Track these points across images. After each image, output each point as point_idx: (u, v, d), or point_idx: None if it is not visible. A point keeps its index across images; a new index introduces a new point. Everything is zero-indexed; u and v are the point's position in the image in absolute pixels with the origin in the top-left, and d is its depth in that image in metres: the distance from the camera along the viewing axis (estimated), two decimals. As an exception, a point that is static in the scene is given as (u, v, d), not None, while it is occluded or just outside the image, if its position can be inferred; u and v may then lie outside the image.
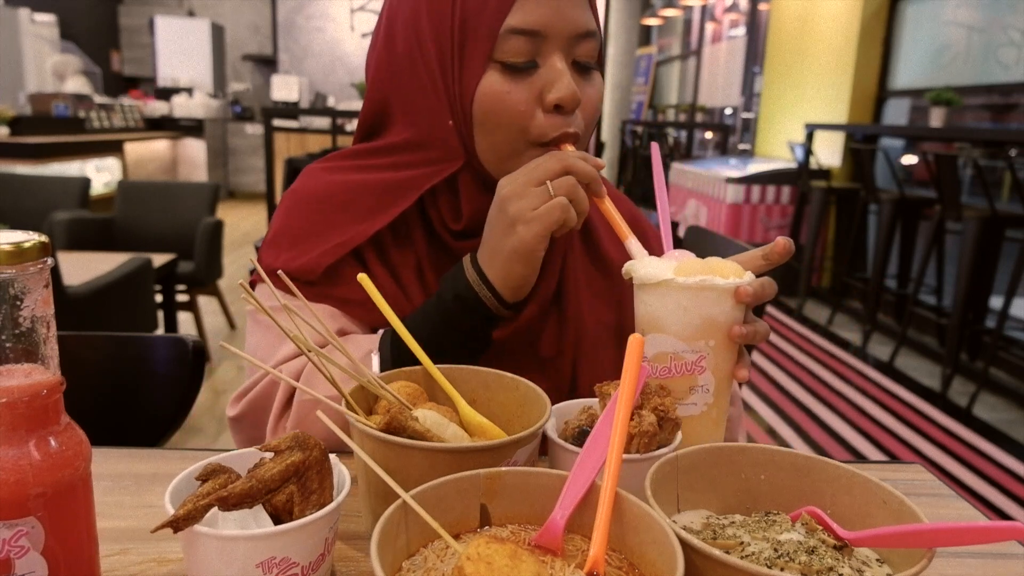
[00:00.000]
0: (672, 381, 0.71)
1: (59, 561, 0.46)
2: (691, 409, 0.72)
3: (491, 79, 0.81)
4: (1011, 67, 4.53)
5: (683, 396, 0.71)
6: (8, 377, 0.44)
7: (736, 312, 0.71)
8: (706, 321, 0.70)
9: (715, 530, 0.54)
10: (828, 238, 5.93)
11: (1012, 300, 3.61)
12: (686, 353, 0.70)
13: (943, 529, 0.48)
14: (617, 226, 0.80)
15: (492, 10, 0.79)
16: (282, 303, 0.66)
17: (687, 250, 0.77)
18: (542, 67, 0.81)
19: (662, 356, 0.71)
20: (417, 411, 0.64)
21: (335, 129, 6.72)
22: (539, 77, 0.81)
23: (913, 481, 0.84)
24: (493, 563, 0.41)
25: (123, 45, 11.62)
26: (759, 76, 7.86)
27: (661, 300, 0.70)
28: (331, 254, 0.86)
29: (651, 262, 0.74)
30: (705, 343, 0.70)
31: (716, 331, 0.70)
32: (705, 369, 0.71)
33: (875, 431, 3.48)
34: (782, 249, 0.74)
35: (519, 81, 0.80)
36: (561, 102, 0.80)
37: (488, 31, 0.79)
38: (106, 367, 1.20)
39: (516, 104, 0.80)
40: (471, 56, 0.81)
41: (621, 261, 0.96)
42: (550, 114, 0.81)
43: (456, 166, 0.86)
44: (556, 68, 0.80)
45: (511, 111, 0.80)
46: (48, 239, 0.45)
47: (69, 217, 3.73)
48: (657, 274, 0.70)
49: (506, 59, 0.80)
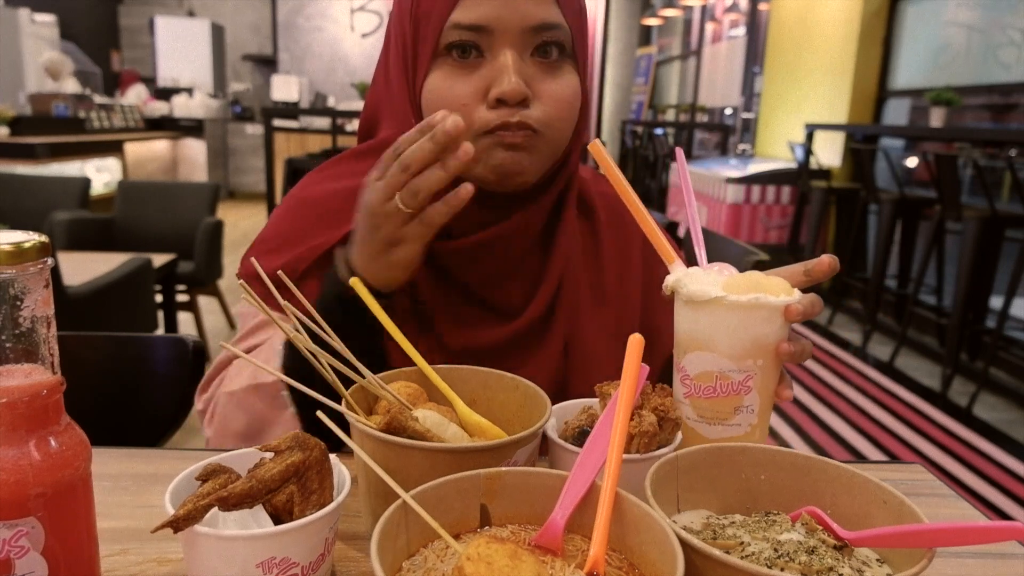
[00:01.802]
0: (717, 401, 0.68)
1: (59, 561, 0.46)
2: (734, 430, 0.69)
3: (438, 74, 0.81)
4: (1011, 67, 4.53)
5: (727, 417, 0.68)
6: (8, 377, 0.44)
7: (784, 330, 0.68)
8: (755, 340, 0.67)
9: (715, 530, 0.54)
10: (828, 238, 5.92)
11: (1012, 300, 3.61)
12: (733, 372, 0.67)
13: (943, 529, 0.48)
14: (663, 248, 0.75)
15: (439, 7, 0.79)
16: (280, 303, 0.66)
17: (725, 263, 0.74)
18: (490, 61, 0.80)
19: (707, 375, 0.68)
20: (417, 411, 0.64)
21: (335, 129, 6.72)
22: (486, 72, 0.80)
23: (913, 481, 0.84)
24: (493, 563, 0.41)
25: (123, 45, 11.62)
26: (759, 76, 7.86)
27: (709, 318, 0.67)
28: (300, 259, 0.88)
29: (697, 277, 0.70)
30: (753, 362, 0.67)
31: (765, 350, 0.67)
32: (752, 389, 0.68)
33: (875, 431, 3.48)
34: (826, 267, 0.72)
35: (465, 76, 0.80)
36: (502, 96, 0.78)
37: (435, 27, 0.80)
38: (106, 367, 1.21)
39: (458, 98, 0.80)
40: (422, 53, 0.82)
41: (620, 268, 0.96)
42: (493, 108, 0.79)
43: None
44: (501, 62, 0.79)
45: (453, 105, 0.79)
46: (48, 239, 0.45)
47: (69, 217, 3.73)
48: (707, 291, 0.67)
49: (451, 51, 0.80)
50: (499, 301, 0.89)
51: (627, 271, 0.96)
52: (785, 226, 6.00)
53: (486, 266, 0.88)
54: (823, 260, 0.72)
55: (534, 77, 0.80)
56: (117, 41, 11.55)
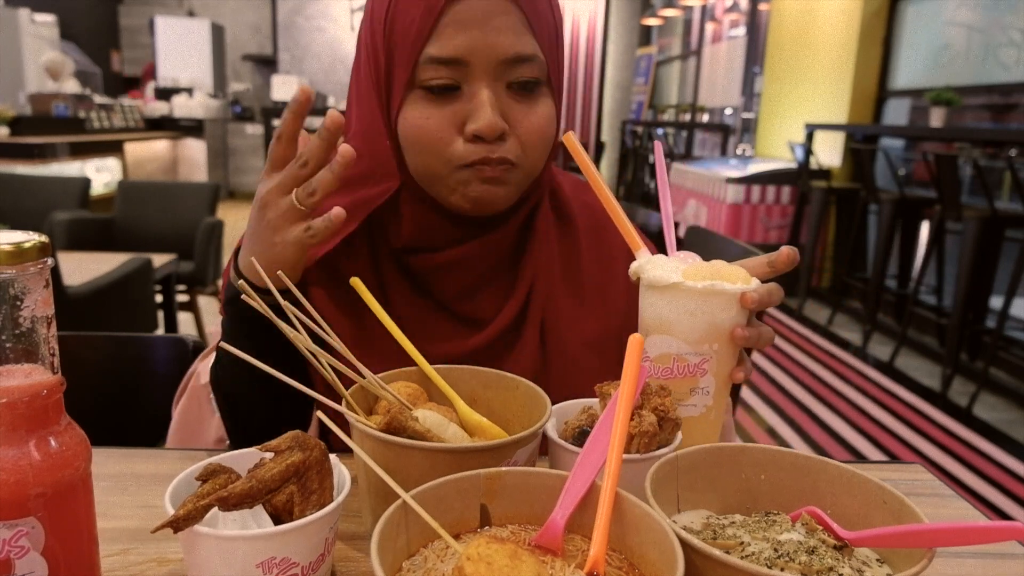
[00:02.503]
0: (674, 382, 0.71)
1: (59, 561, 0.46)
2: (691, 410, 0.72)
3: (414, 104, 0.80)
4: (1011, 67, 4.53)
5: (684, 397, 0.72)
6: (8, 377, 0.44)
7: (741, 317, 0.72)
8: (712, 325, 0.70)
9: (715, 530, 0.54)
10: (828, 238, 5.92)
11: (1012, 300, 3.61)
12: (690, 356, 0.71)
13: (943, 529, 0.48)
14: (631, 237, 0.79)
15: (412, 38, 0.78)
16: (282, 303, 0.66)
17: (690, 251, 0.77)
18: (467, 94, 0.79)
19: (665, 357, 0.71)
20: (417, 411, 0.64)
21: (335, 129, 6.70)
22: (461, 104, 0.79)
23: (913, 481, 0.84)
24: (493, 563, 0.41)
25: (123, 45, 11.63)
26: (759, 76, 7.86)
27: (668, 303, 0.71)
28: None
29: (660, 263, 0.73)
30: (709, 346, 0.71)
31: (721, 335, 0.71)
32: (707, 372, 0.71)
33: (875, 431, 3.48)
34: (786, 258, 0.74)
35: (441, 107, 0.79)
36: (479, 132, 0.78)
37: (409, 58, 0.78)
38: (106, 367, 1.21)
39: (435, 131, 0.79)
40: (396, 81, 0.81)
41: (599, 271, 0.96)
42: (471, 142, 0.79)
43: (395, 185, 0.86)
44: (477, 98, 0.78)
45: (430, 137, 0.79)
46: (48, 239, 0.45)
47: (69, 217, 3.73)
48: (666, 277, 0.70)
49: (427, 86, 0.79)
50: (472, 312, 0.90)
51: (610, 280, 0.95)
52: (785, 226, 6.00)
53: (460, 280, 0.89)
54: (783, 251, 0.75)
55: (511, 108, 0.80)
56: (117, 41, 11.55)
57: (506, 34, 0.78)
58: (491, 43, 0.77)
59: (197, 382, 0.92)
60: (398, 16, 0.79)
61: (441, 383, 0.71)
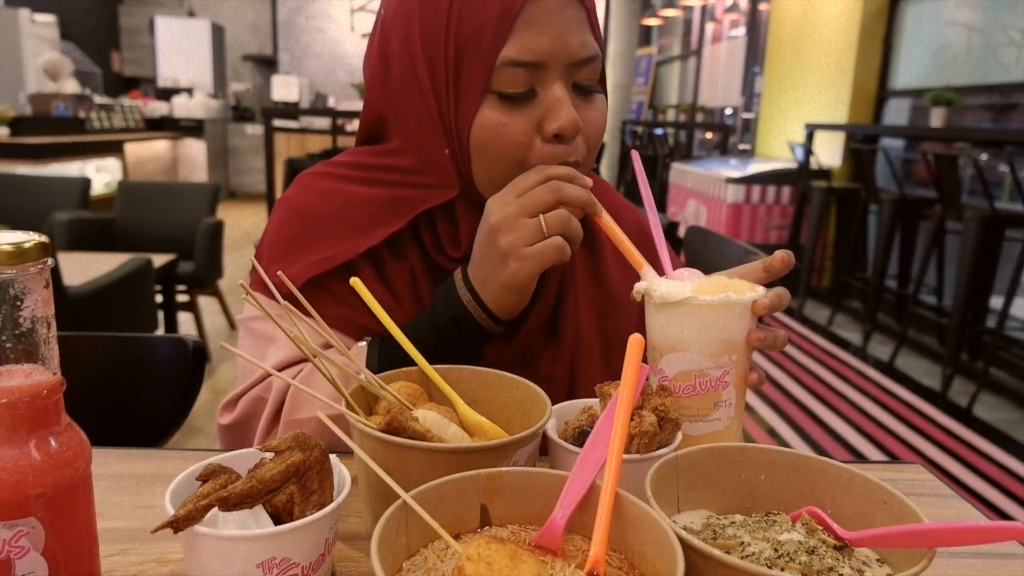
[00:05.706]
0: (697, 399, 0.70)
1: (59, 562, 0.46)
2: (715, 425, 0.71)
3: (488, 110, 0.78)
4: (1011, 67, 4.53)
5: (708, 413, 0.71)
6: (8, 377, 0.44)
7: (752, 324, 0.72)
8: (729, 337, 0.70)
9: (715, 530, 0.54)
10: (828, 238, 5.92)
11: (1012, 300, 3.61)
12: (711, 370, 0.70)
13: (943, 529, 0.48)
14: (630, 255, 0.78)
15: (488, 40, 0.76)
16: (283, 307, 0.66)
17: (693, 268, 0.77)
18: (541, 95, 0.78)
19: (686, 374, 0.70)
20: (417, 411, 0.64)
21: (335, 129, 6.71)
22: (538, 106, 0.78)
23: (913, 481, 0.84)
24: (493, 563, 0.41)
25: (123, 45, 11.63)
26: (759, 76, 7.86)
27: (681, 319, 0.70)
28: (316, 267, 0.84)
29: (666, 283, 0.72)
30: (728, 358, 0.70)
31: (737, 345, 0.71)
32: (729, 384, 0.71)
33: (875, 431, 3.48)
34: (780, 262, 0.74)
35: (517, 111, 0.78)
36: (561, 131, 0.77)
37: (484, 62, 0.76)
38: (106, 367, 1.21)
39: (515, 136, 0.78)
40: (467, 87, 0.78)
41: (621, 277, 0.95)
42: (549, 143, 0.79)
43: (452, 194, 0.84)
44: (556, 96, 0.77)
45: (510, 143, 0.78)
46: (48, 239, 0.45)
47: (69, 217, 3.73)
48: (678, 292, 0.69)
49: (503, 90, 0.77)
50: None
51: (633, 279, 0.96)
52: (785, 226, 6.00)
53: None
54: (777, 256, 0.75)
55: (578, 107, 0.80)
56: (117, 41, 11.56)
57: (578, 35, 0.78)
58: (567, 44, 0.77)
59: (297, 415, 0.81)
60: (466, 18, 0.76)
61: (441, 383, 0.71)
